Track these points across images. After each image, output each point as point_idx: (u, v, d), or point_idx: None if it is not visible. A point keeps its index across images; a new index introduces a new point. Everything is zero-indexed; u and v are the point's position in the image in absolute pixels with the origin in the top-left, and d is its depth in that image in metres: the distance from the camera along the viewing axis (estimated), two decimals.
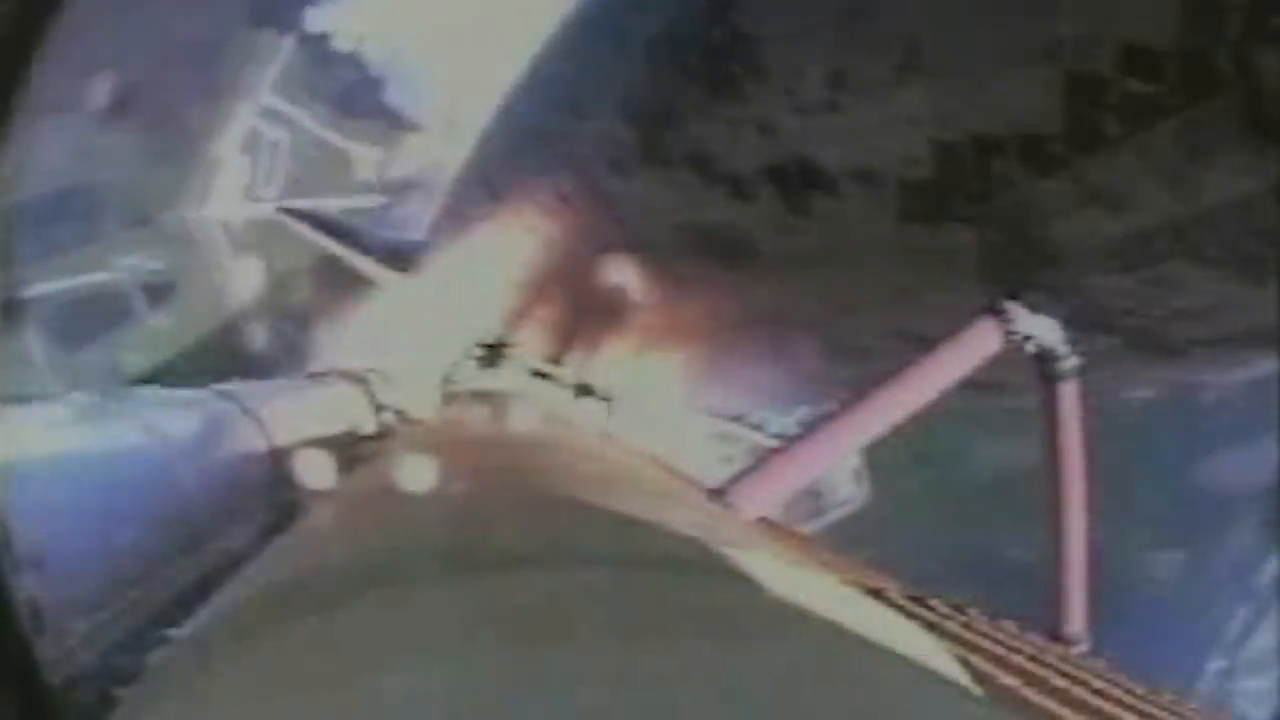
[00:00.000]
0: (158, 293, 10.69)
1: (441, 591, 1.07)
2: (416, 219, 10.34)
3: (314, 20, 9.94)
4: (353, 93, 10.68)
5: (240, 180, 10.45)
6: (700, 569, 1.25)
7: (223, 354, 10.24)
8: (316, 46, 10.30)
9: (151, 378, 9.86)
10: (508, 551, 1.21)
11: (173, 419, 4.89)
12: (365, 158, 10.83)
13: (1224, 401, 13.69)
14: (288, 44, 9.99)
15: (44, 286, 10.00)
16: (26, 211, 9.47)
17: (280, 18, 9.57)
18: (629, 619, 0.99)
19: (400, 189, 11.29)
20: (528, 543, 1.27)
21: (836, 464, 3.02)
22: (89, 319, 10.28)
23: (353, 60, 10.42)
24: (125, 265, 10.20)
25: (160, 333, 10.46)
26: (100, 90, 9.40)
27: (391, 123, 11.01)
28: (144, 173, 10.33)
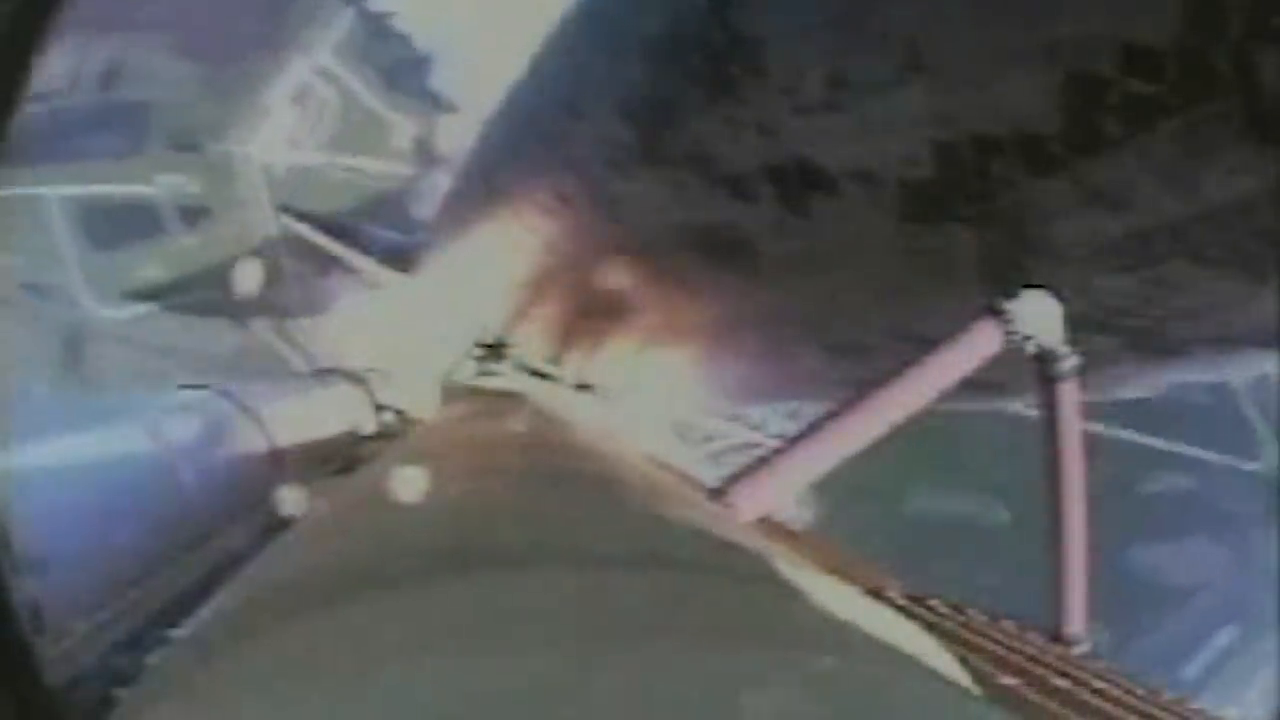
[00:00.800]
0: (191, 215, 11.42)
1: (441, 591, 1.07)
2: (440, 193, 11.14)
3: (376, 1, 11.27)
4: (400, 69, 11.74)
5: (286, 128, 11.50)
6: (701, 569, 1.25)
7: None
8: (375, 22, 11.47)
9: (166, 290, 10.88)
10: (508, 551, 1.21)
11: (173, 419, 4.89)
12: (403, 129, 11.97)
13: (1162, 495, 15.05)
14: (349, 15, 11.26)
15: (85, 188, 10.82)
16: (75, 114, 10.46)
17: None
18: (629, 619, 0.99)
19: (431, 163, 12.18)
20: (528, 543, 1.27)
21: (835, 464, 3.02)
22: (123, 225, 11.05)
23: (404, 40, 11.51)
24: (165, 183, 10.97)
25: (186, 252, 11.17)
26: (158, 13, 10.32)
27: (431, 102, 12.09)
28: (197, 103, 11.17)
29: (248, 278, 11.28)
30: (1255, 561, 16.73)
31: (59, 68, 10.81)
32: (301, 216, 16.48)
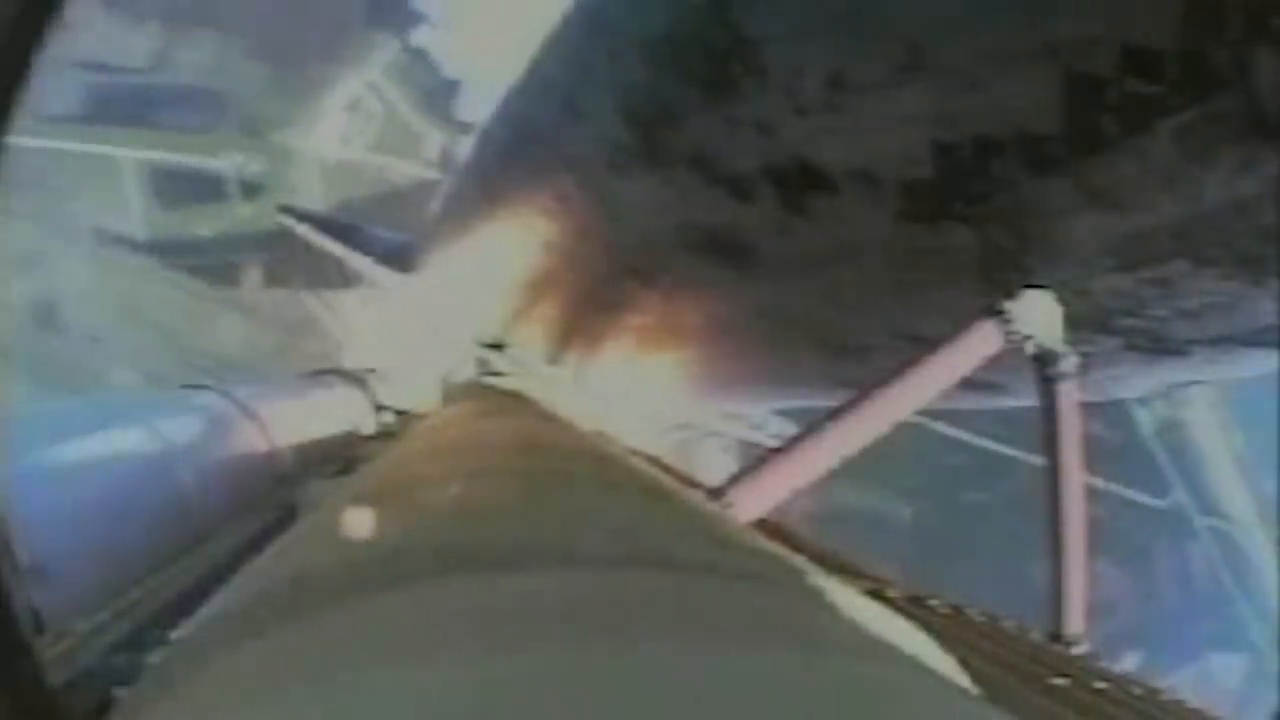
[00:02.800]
0: (250, 189, 13.92)
1: (440, 591, 1.07)
2: None
3: (418, 36, 14.27)
4: (434, 92, 14.70)
5: (338, 129, 14.21)
6: (701, 569, 1.25)
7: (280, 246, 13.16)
8: (415, 53, 14.34)
9: (220, 246, 13.35)
10: (508, 551, 1.21)
11: (173, 419, 4.89)
12: (433, 140, 14.80)
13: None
14: (396, 44, 14.09)
15: (162, 155, 13.42)
16: (155, 91, 13.20)
17: (392, 26, 13.80)
18: (629, 620, 0.99)
19: (453, 170, 14.42)
20: (528, 543, 1.27)
21: (835, 464, 3.03)
22: (189, 188, 13.57)
23: (437, 69, 14.39)
24: (232, 160, 13.46)
25: (241, 217, 13.68)
26: (239, 19, 12.69)
27: (457, 124, 14.78)
28: (266, 98, 13.76)
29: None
30: (1160, 594, 18.64)
31: (144, 48, 13.40)
32: (302, 217, 16.64)
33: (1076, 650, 3.17)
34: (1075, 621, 3.28)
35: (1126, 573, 18.47)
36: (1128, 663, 16.11)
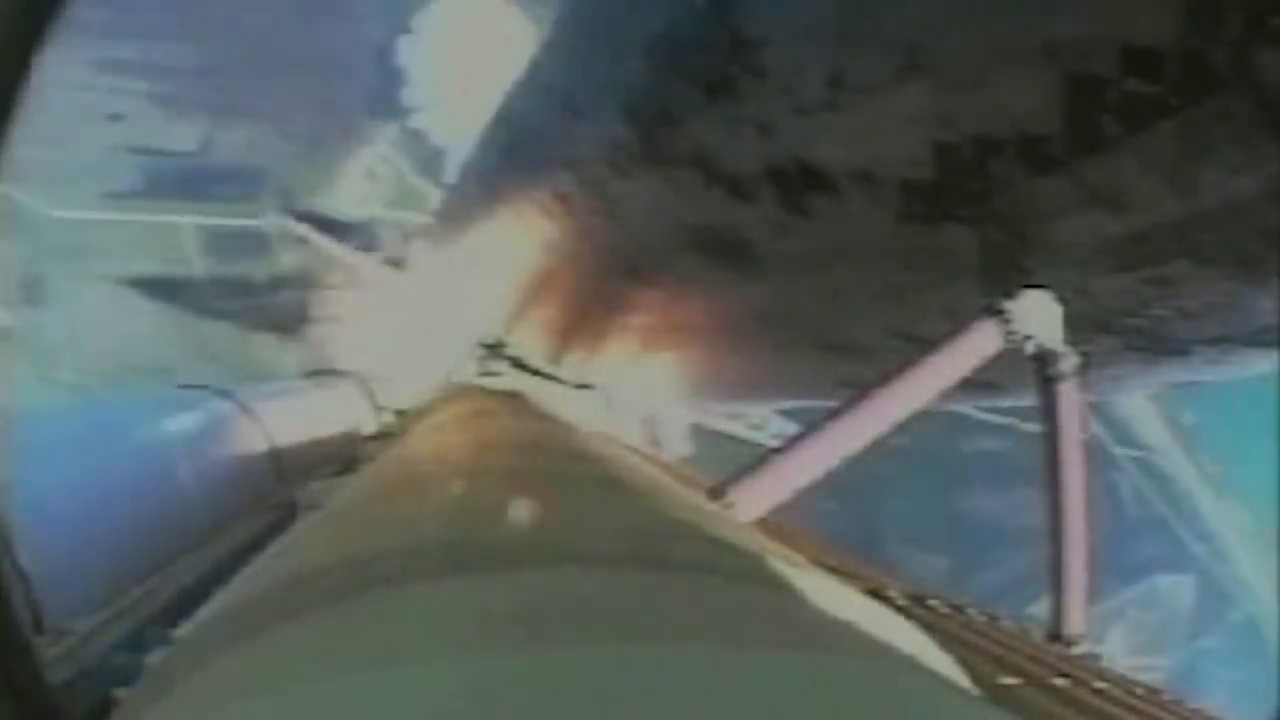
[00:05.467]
0: (289, 242, 17.58)
1: (441, 591, 1.07)
2: None
3: (414, 119, 18.35)
4: (429, 160, 18.33)
5: (358, 192, 18.14)
6: (701, 569, 1.25)
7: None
8: (414, 133, 18.38)
9: (271, 284, 17.62)
10: (508, 551, 1.21)
11: (173, 419, 4.89)
12: (434, 196, 17.20)
13: (983, 453, 18.16)
14: (395, 128, 18.28)
15: (215, 219, 17.55)
16: (206, 169, 17.54)
17: (391, 115, 18.22)
18: (629, 620, 0.99)
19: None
20: (528, 543, 1.27)
21: (835, 464, 3.03)
22: (239, 244, 17.63)
23: (433, 146, 18.30)
24: (272, 220, 16.79)
25: (283, 264, 17.74)
26: (271, 107, 17.33)
27: (445, 184, 17.41)
28: (298, 170, 17.89)
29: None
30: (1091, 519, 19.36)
31: (194, 135, 17.69)
32: (302, 217, 16.78)
33: (1076, 650, 3.17)
34: (1075, 621, 3.28)
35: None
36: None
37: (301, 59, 17.33)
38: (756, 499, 2.81)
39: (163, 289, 17.55)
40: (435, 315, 11.63)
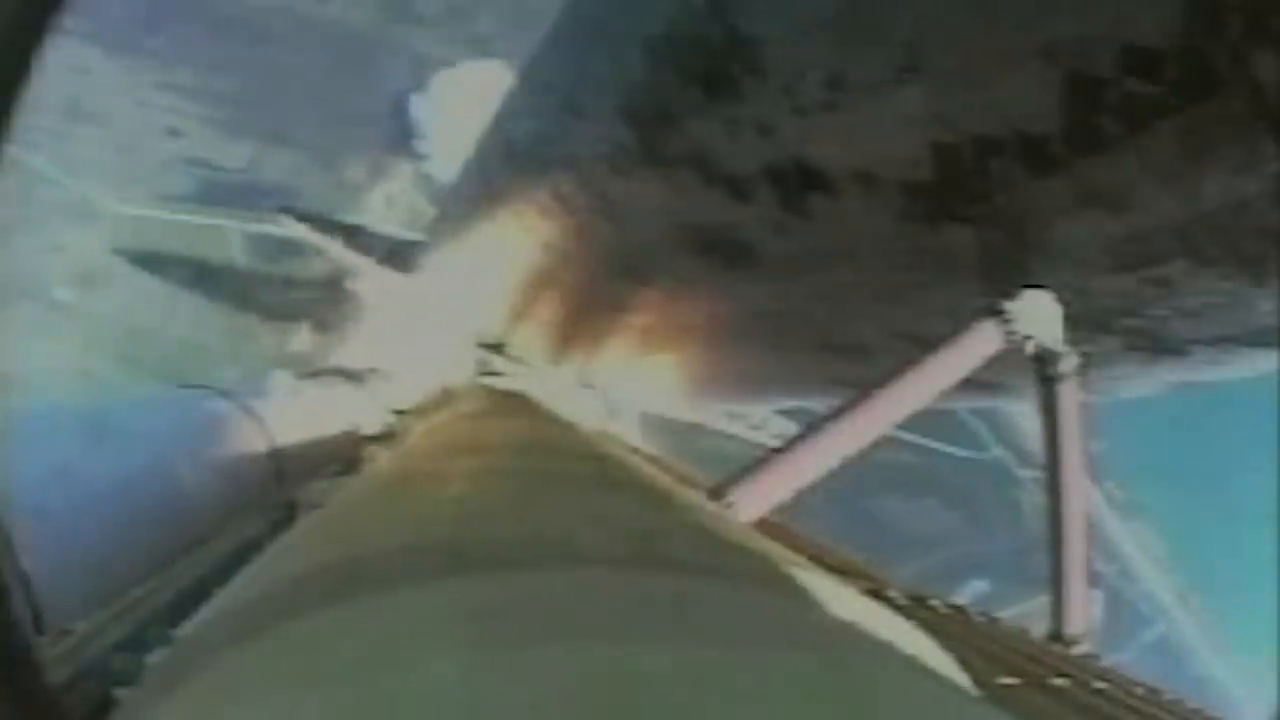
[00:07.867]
0: (319, 250, 19.72)
1: (441, 591, 1.07)
2: None
3: (424, 166, 22.23)
4: (437, 190, 20.59)
5: (380, 214, 21.71)
6: (701, 570, 1.25)
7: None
8: (425, 177, 22.12)
9: (302, 285, 21.51)
10: (508, 551, 1.21)
11: (173, 419, 4.88)
12: None
13: (895, 464, 19.70)
14: (409, 168, 22.45)
15: (256, 226, 21.42)
16: (253, 186, 21.63)
17: (406, 155, 22.46)
18: (629, 619, 0.99)
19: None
20: (528, 543, 1.27)
21: (835, 464, 3.04)
22: (278, 251, 21.41)
23: (433, 179, 21.47)
24: (304, 230, 18.32)
25: (315, 269, 21.25)
26: (306, 137, 22.06)
27: None
28: (327, 189, 21.75)
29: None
30: (994, 533, 21.90)
31: (242, 155, 21.96)
32: (302, 217, 16.79)
33: (1076, 650, 3.17)
34: (1075, 621, 3.28)
35: (957, 512, 22.08)
36: (974, 589, 20.01)
37: (335, 103, 22.02)
38: (756, 499, 2.81)
39: (205, 280, 21.77)
40: (435, 315, 11.64)
